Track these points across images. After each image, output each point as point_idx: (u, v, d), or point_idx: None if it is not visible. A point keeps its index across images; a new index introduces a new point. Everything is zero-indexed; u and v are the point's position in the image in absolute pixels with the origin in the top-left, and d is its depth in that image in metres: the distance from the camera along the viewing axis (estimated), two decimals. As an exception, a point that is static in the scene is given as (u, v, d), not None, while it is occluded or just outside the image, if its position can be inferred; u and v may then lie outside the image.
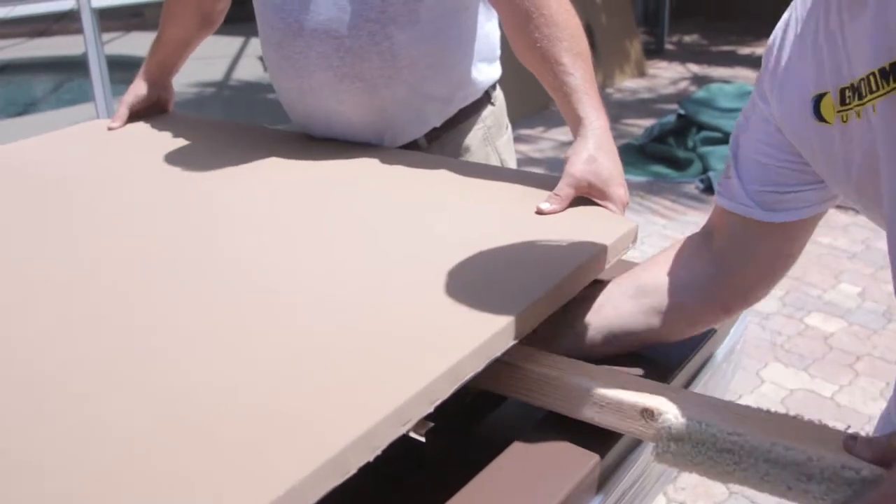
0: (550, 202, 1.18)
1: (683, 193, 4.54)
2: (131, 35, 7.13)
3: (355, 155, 1.44)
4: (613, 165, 1.22)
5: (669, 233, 3.99)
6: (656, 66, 7.87)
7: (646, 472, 0.99)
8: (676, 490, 2.27)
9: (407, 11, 1.37)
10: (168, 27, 1.71)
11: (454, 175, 1.34)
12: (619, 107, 6.36)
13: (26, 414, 0.78)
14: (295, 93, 1.50)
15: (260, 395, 0.79)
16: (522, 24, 1.29)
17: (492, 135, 1.58)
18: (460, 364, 0.83)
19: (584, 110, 1.24)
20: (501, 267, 1.03)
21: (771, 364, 2.90)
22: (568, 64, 1.26)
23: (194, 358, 0.87)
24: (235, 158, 1.45)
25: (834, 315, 3.23)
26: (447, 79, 1.48)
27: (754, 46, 8.73)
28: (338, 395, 0.79)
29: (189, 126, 1.70)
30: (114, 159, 1.52)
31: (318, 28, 1.39)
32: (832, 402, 2.67)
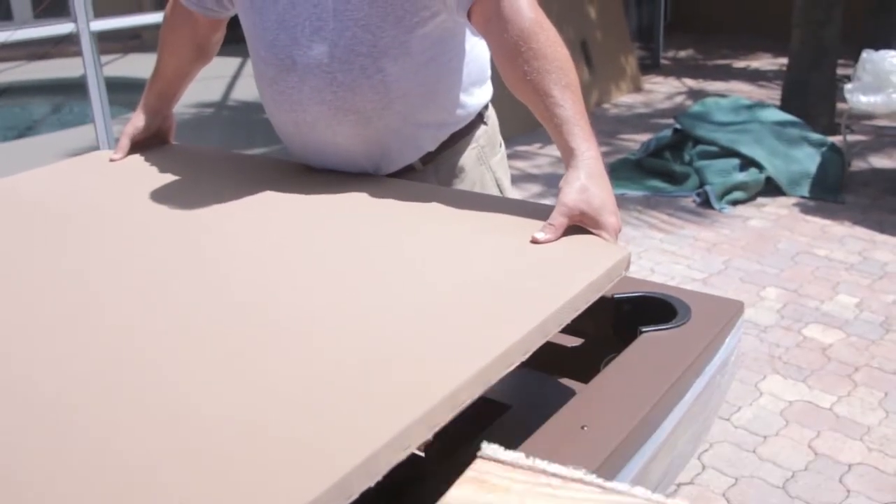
0: (545, 231, 1.21)
1: (680, 207, 4.56)
2: (129, 57, 7.16)
3: (352, 186, 1.46)
4: (605, 194, 1.25)
5: (667, 246, 4.00)
6: (652, 81, 7.91)
7: (641, 482, 1.00)
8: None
9: (398, 44, 1.39)
10: (164, 59, 1.73)
11: (450, 205, 1.36)
12: (616, 122, 6.39)
13: (35, 437, 0.80)
14: (290, 126, 1.52)
15: (262, 420, 0.81)
16: (511, 57, 1.31)
17: (485, 154, 1.59)
18: (458, 391, 0.85)
19: (575, 141, 1.27)
20: (499, 295, 1.05)
21: (769, 376, 2.90)
22: (557, 96, 1.28)
23: (198, 384, 0.89)
24: (235, 190, 1.47)
25: (832, 326, 3.24)
26: (440, 106, 1.50)
27: (749, 60, 8.78)
28: (339, 421, 0.81)
29: (189, 158, 1.72)
30: (116, 192, 1.54)
31: (310, 63, 1.41)
32: (831, 412, 2.68)
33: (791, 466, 2.42)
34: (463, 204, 1.36)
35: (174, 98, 1.79)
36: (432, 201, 1.37)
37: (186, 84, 1.78)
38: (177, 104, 1.81)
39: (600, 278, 1.11)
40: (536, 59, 1.29)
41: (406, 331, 0.97)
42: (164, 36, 1.72)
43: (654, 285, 1.34)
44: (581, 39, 6.91)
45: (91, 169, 1.70)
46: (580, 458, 0.90)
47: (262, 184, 1.50)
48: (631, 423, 0.97)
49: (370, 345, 0.94)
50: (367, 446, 0.76)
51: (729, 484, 2.35)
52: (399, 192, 1.42)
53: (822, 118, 5.66)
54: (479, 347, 0.92)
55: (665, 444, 1.05)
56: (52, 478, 0.74)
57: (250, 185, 1.49)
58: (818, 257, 3.88)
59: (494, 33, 1.33)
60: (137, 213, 1.42)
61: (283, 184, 1.49)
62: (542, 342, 0.99)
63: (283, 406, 0.83)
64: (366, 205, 1.38)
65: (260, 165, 1.66)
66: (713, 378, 1.18)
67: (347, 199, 1.40)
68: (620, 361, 1.12)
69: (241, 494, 0.70)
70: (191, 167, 1.65)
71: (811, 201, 4.60)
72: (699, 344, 1.15)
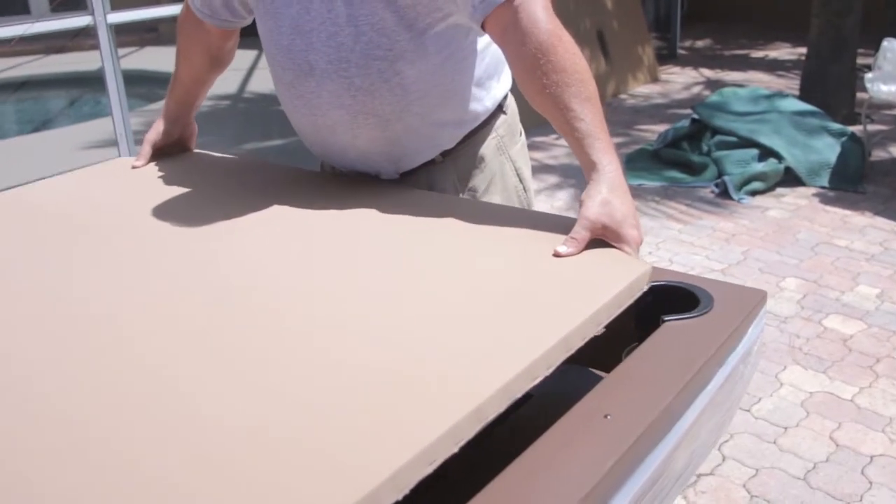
0: (567, 245, 1.20)
1: (699, 198, 4.53)
2: (146, 50, 7.19)
3: (371, 196, 1.45)
4: (627, 207, 1.24)
5: (685, 237, 3.98)
6: (669, 71, 7.86)
7: (664, 472, 0.99)
8: (697, 494, 2.26)
9: (414, 47, 1.38)
10: (180, 66, 1.73)
11: (470, 216, 1.35)
12: (633, 112, 6.36)
13: (59, 451, 0.81)
14: (310, 128, 1.52)
15: (288, 432, 0.81)
16: (529, 69, 1.30)
17: (505, 144, 1.58)
18: (483, 406, 0.86)
19: (597, 155, 1.26)
20: (522, 309, 1.05)
21: (790, 367, 2.88)
22: (577, 110, 1.26)
23: (218, 395, 0.89)
24: (255, 200, 1.47)
25: (853, 317, 3.21)
26: (458, 105, 1.49)
27: (767, 50, 8.72)
28: (366, 434, 0.81)
29: (209, 166, 1.73)
30: (137, 201, 1.53)
31: (328, 68, 1.41)
32: (852, 404, 2.66)
33: (812, 458, 2.40)
34: (483, 215, 1.36)
35: (194, 105, 1.79)
36: (453, 213, 1.36)
37: (205, 91, 1.79)
38: (197, 110, 1.82)
39: (622, 292, 1.11)
40: (556, 73, 1.27)
41: (430, 344, 0.97)
42: (179, 43, 1.72)
43: (675, 274, 1.32)
44: (598, 29, 6.88)
45: (113, 177, 1.70)
46: (603, 448, 0.90)
47: (281, 193, 1.50)
48: (654, 412, 0.96)
49: (395, 357, 0.94)
50: (395, 461, 0.76)
51: (749, 475, 2.34)
52: (420, 203, 1.42)
53: (842, 108, 5.61)
54: (503, 362, 0.92)
55: (688, 434, 1.04)
56: (71, 489, 0.75)
57: (270, 194, 1.49)
58: (838, 248, 3.85)
59: (511, 45, 1.32)
60: (158, 222, 1.42)
61: (302, 193, 1.49)
62: (565, 356, 0.99)
63: (308, 418, 0.84)
64: (386, 215, 1.37)
65: (279, 174, 1.65)
66: (736, 368, 1.17)
67: (367, 210, 1.40)
68: (643, 350, 1.11)
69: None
70: (211, 176, 1.65)
71: (831, 191, 4.56)
72: (722, 333, 1.14)
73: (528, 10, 1.28)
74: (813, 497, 2.24)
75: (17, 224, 1.47)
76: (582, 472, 0.86)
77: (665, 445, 0.98)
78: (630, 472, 0.91)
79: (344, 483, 0.74)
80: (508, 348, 0.95)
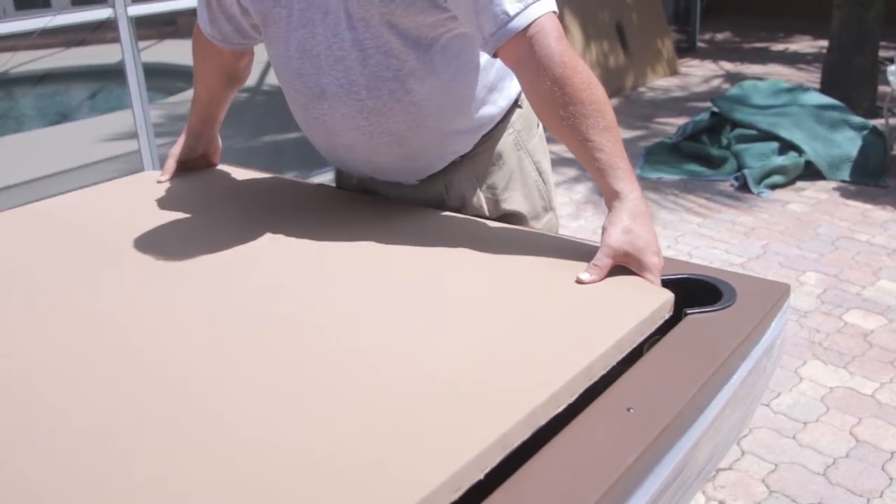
0: (590, 272, 1.20)
1: (718, 191, 4.51)
2: (165, 43, 7.21)
3: (396, 218, 1.46)
4: (649, 235, 1.24)
5: (705, 231, 3.96)
6: (688, 64, 7.82)
7: (687, 466, 0.99)
8: (716, 488, 2.25)
9: (422, 64, 1.37)
10: (198, 88, 1.74)
11: (490, 241, 1.35)
12: (652, 105, 6.33)
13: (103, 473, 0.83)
14: (327, 147, 1.53)
15: (318, 452, 0.84)
16: (545, 102, 1.29)
17: (522, 138, 1.57)
18: (509, 433, 0.87)
19: (618, 184, 1.26)
20: (545, 337, 1.06)
21: (810, 362, 2.87)
22: (597, 140, 1.25)
23: (253, 414, 0.91)
24: (282, 219, 1.49)
25: (873, 312, 3.19)
26: (473, 112, 1.47)
27: (787, 43, 8.65)
28: (392, 462, 0.82)
29: (232, 181, 1.75)
30: (162, 216, 1.55)
31: (338, 91, 1.40)
32: (873, 399, 2.64)
33: (832, 453, 2.39)
34: (504, 240, 1.36)
35: (216, 121, 1.80)
36: (474, 238, 1.36)
37: (225, 107, 1.80)
38: (220, 125, 1.83)
39: (645, 321, 1.12)
40: (572, 104, 1.25)
41: (455, 373, 0.98)
42: (194, 63, 1.73)
43: (697, 267, 1.32)
44: (617, 22, 6.85)
45: (138, 191, 1.71)
46: (626, 441, 0.90)
47: (306, 213, 1.52)
48: (678, 405, 0.96)
49: (419, 387, 0.95)
50: (421, 489, 0.77)
51: (769, 470, 2.33)
52: (441, 227, 1.42)
53: (864, 101, 5.56)
54: (528, 390, 0.93)
55: (711, 428, 1.04)
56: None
57: (296, 214, 1.52)
58: (859, 242, 3.82)
59: (526, 75, 1.30)
60: (184, 238, 1.43)
61: (325, 213, 1.52)
62: (588, 384, 0.99)
63: (334, 444, 0.85)
64: (408, 240, 1.37)
65: (304, 192, 1.66)
66: (759, 362, 1.16)
67: (391, 233, 1.40)
68: (666, 343, 1.10)
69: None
70: (234, 191, 1.68)
71: (852, 185, 4.52)
72: (745, 326, 1.13)
73: (542, 42, 1.26)
74: (833, 493, 2.23)
75: (41, 237, 1.49)
76: (604, 465, 0.86)
77: (688, 439, 0.98)
78: (652, 466, 0.91)
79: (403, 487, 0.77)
80: (533, 377, 0.96)
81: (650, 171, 4.85)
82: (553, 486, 0.83)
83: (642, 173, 4.80)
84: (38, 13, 3.56)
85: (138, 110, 3.77)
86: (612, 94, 6.68)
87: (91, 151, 5.44)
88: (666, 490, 0.95)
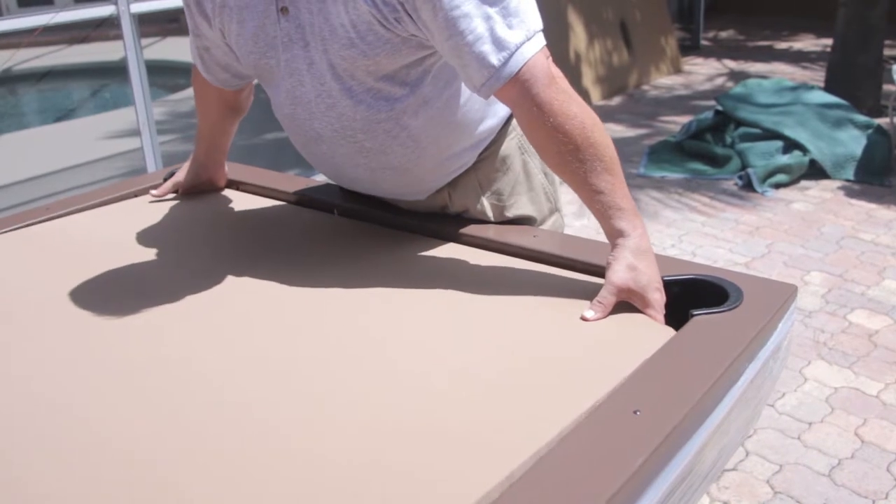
0: (594, 310, 1.19)
1: (722, 190, 4.50)
2: (168, 40, 7.20)
3: (401, 246, 1.46)
4: (652, 272, 1.23)
5: (709, 230, 3.95)
6: (692, 62, 7.80)
7: (693, 470, 0.98)
8: (720, 489, 2.24)
9: (414, 100, 1.35)
10: (201, 121, 1.74)
11: (494, 275, 1.34)
12: (655, 104, 6.31)
13: None
14: (333, 176, 1.56)
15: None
16: (541, 148, 1.27)
17: (525, 143, 1.55)
18: (515, 472, 0.86)
19: (619, 224, 1.24)
20: (550, 375, 1.05)
21: (814, 362, 2.85)
22: (595, 183, 1.23)
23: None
24: (282, 246, 1.49)
25: (878, 312, 3.18)
26: (472, 130, 1.46)
27: (791, 41, 8.63)
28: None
29: (237, 205, 1.75)
30: (164, 240, 1.55)
31: (334, 136, 1.40)
32: (877, 400, 2.63)
33: (837, 454, 2.38)
34: (507, 275, 1.35)
35: (221, 151, 1.80)
36: (481, 272, 1.35)
37: (229, 137, 1.79)
38: (226, 154, 1.84)
39: (648, 361, 1.09)
40: (568, 152, 1.22)
41: (461, 411, 0.97)
42: (195, 97, 1.72)
43: (704, 268, 1.31)
44: (621, 20, 6.83)
45: (144, 212, 1.71)
46: (632, 445, 0.89)
47: (308, 239, 1.52)
48: (684, 408, 0.95)
49: (423, 426, 0.94)
50: None
51: (773, 471, 2.32)
52: (442, 258, 1.42)
53: (868, 100, 5.55)
54: (534, 430, 0.92)
55: (717, 431, 1.03)
56: None
57: (301, 240, 1.52)
58: (864, 241, 3.81)
59: (521, 119, 1.27)
60: (187, 267, 1.42)
61: (329, 240, 1.52)
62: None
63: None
64: (410, 273, 1.36)
65: (309, 218, 1.65)
66: (766, 364, 1.15)
67: (396, 261, 1.40)
68: (672, 345, 1.09)
69: None
70: (239, 216, 1.68)
71: (856, 184, 4.51)
72: (752, 328, 1.12)
73: (531, 91, 1.21)
74: (837, 494, 2.21)
75: (42, 257, 1.49)
76: (611, 469, 0.85)
77: (694, 442, 0.97)
78: (659, 470, 0.90)
79: None
80: (539, 417, 0.95)
81: (654, 169, 4.83)
82: (559, 491, 0.82)
83: (646, 172, 4.79)
84: (41, 10, 3.55)
85: (141, 107, 3.76)
86: (615, 93, 6.67)
87: (93, 149, 5.43)
88: (672, 493, 0.94)
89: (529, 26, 1.21)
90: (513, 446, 0.89)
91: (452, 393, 1.01)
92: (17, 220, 1.66)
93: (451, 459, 0.88)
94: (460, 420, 0.95)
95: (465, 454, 0.89)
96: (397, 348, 1.13)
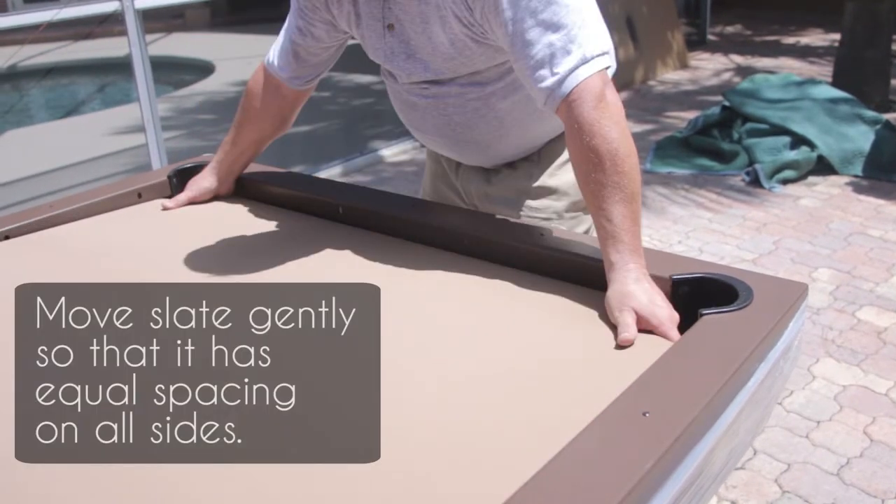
0: (628, 332, 1.15)
1: (729, 186, 4.47)
2: (173, 36, 7.20)
3: (417, 262, 1.44)
4: (653, 290, 1.20)
5: (716, 226, 3.93)
6: (699, 57, 7.77)
7: (703, 472, 0.97)
8: (728, 488, 2.23)
9: (504, 85, 1.47)
10: (244, 129, 1.72)
11: (504, 277, 1.34)
12: (662, 99, 6.29)
13: None
14: (420, 137, 1.65)
15: None
16: (575, 163, 1.30)
17: None
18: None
19: (614, 255, 1.23)
20: (557, 391, 1.04)
21: (823, 359, 2.84)
22: (608, 210, 1.23)
23: None
24: (291, 249, 1.48)
25: (887, 309, 3.15)
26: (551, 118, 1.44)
27: (798, 36, 8.59)
28: None
29: (241, 205, 1.75)
30: (172, 249, 1.54)
31: (427, 106, 1.53)
32: (887, 397, 2.61)
33: (846, 453, 2.36)
34: (516, 278, 1.34)
35: (242, 169, 1.80)
36: (482, 273, 1.35)
37: (259, 153, 1.79)
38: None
39: None
40: (595, 172, 1.25)
41: (471, 416, 0.97)
42: (246, 106, 1.71)
43: (713, 266, 1.29)
44: (627, 15, 6.81)
45: (154, 221, 1.70)
46: (642, 447, 0.87)
47: (313, 242, 1.51)
48: (694, 410, 0.93)
49: (432, 431, 0.94)
50: None
51: (781, 469, 2.30)
52: (446, 261, 1.41)
53: (876, 95, 5.51)
54: (542, 446, 0.90)
55: (727, 432, 1.01)
56: None
57: (303, 244, 1.51)
58: (872, 238, 3.78)
59: (566, 132, 1.31)
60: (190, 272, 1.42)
61: (333, 244, 1.51)
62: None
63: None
64: (429, 285, 1.34)
65: (322, 230, 1.64)
66: (776, 364, 1.13)
67: (416, 273, 1.39)
68: (681, 345, 1.08)
69: None
70: (246, 220, 1.68)
71: (864, 180, 4.48)
72: (763, 328, 1.10)
73: (577, 110, 1.26)
74: (846, 493, 2.20)
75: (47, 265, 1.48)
76: (620, 472, 0.83)
77: (704, 444, 0.95)
78: (669, 472, 0.89)
79: None
80: (546, 431, 0.94)
81: (660, 165, 4.81)
82: (568, 494, 0.81)
83: (652, 167, 4.77)
84: (46, 6, 3.55)
85: (145, 104, 3.76)
86: (621, 88, 6.64)
87: (98, 145, 5.43)
88: (682, 496, 0.92)
89: (587, 51, 1.27)
90: (526, 449, 0.88)
91: (462, 397, 1.00)
92: (21, 218, 1.65)
93: (461, 464, 0.87)
94: (470, 424, 0.94)
95: (476, 459, 0.88)
96: (405, 352, 1.11)
